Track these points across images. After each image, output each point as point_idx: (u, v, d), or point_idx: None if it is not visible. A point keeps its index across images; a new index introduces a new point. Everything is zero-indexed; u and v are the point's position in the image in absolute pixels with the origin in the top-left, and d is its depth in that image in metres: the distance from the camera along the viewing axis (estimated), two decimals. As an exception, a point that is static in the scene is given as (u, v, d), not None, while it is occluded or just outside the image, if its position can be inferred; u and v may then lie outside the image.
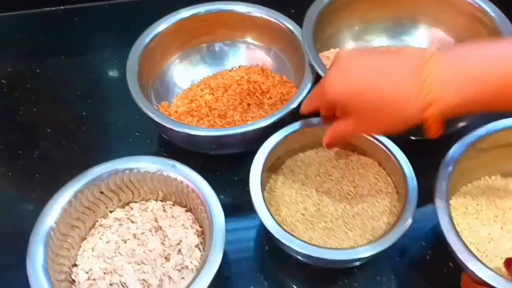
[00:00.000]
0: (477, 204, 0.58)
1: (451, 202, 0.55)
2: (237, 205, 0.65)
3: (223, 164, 0.67)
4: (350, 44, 0.77)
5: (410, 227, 0.50)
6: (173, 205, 0.60)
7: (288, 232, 0.52)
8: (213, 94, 0.71)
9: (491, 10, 0.66)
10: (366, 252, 0.50)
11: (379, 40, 0.77)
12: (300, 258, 0.54)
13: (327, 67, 0.64)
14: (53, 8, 0.88)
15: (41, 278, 0.49)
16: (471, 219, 0.57)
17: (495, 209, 0.57)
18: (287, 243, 0.51)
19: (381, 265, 0.58)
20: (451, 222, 0.49)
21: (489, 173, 0.60)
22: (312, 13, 0.69)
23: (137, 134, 0.71)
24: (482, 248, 0.54)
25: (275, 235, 0.51)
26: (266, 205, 0.54)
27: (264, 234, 0.61)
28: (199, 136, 0.60)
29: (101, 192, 0.58)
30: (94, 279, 0.54)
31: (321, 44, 0.72)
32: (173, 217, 0.59)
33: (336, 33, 0.76)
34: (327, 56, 0.74)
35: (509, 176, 0.60)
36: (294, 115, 0.62)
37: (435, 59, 0.41)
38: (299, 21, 0.69)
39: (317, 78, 0.64)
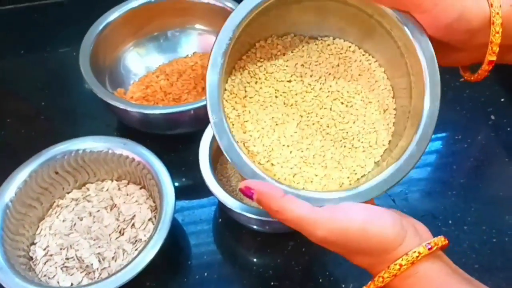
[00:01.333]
0: (256, 82, 0.46)
1: (226, 86, 0.44)
2: (193, 182, 0.68)
3: (179, 144, 0.70)
4: None
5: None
6: (128, 183, 0.63)
7: (238, 200, 0.54)
8: (168, 79, 0.74)
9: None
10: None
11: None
12: (250, 224, 0.57)
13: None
14: (12, 6, 0.90)
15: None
16: (252, 105, 0.45)
17: (274, 82, 0.46)
18: (233, 209, 0.53)
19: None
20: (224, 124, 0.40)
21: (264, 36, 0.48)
22: None
23: (95, 120, 0.74)
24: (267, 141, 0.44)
25: (223, 202, 0.54)
26: (216, 178, 0.56)
27: (217, 207, 0.64)
28: (152, 114, 0.63)
29: (56, 173, 0.60)
30: (50, 255, 0.57)
31: None
32: (127, 194, 0.61)
33: None
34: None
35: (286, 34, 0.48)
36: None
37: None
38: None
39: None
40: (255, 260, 0.60)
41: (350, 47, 0.47)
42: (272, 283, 0.57)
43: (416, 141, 0.39)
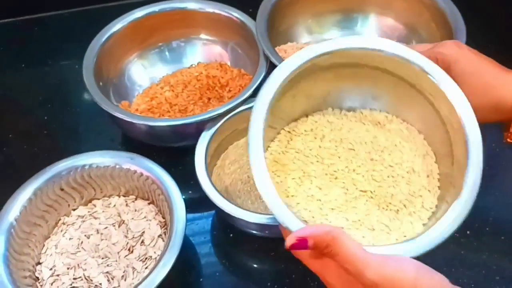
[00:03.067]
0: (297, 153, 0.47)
1: (267, 154, 0.47)
2: (202, 196, 0.65)
3: (187, 157, 0.68)
4: (305, 37, 0.79)
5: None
6: (136, 199, 0.61)
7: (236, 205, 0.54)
8: (173, 91, 0.72)
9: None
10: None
11: (331, 33, 0.79)
12: (249, 229, 0.57)
13: (283, 58, 0.65)
14: (12, 19, 0.88)
15: (1, 270, 0.49)
16: (294, 172, 0.46)
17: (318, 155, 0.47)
18: (232, 214, 0.53)
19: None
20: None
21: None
22: (265, 6, 0.70)
23: (99, 135, 0.72)
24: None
25: (221, 207, 0.54)
26: (211, 181, 0.56)
27: (227, 221, 0.62)
28: (158, 127, 0.61)
29: (62, 189, 0.58)
30: (57, 275, 0.55)
31: (276, 37, 0.73)
32: (135, 210, 0.60)
33: (290, 27, 0.78)
34: (284, 49, 0.75)
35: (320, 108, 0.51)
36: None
37: None
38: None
39: (270, 67, 0.65)
40: (269, 274, 0.58)
41: (387, 117, 0.49)
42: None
43: (460, 204, 0.40)
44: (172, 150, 0.67)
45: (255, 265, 0.59)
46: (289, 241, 0.37)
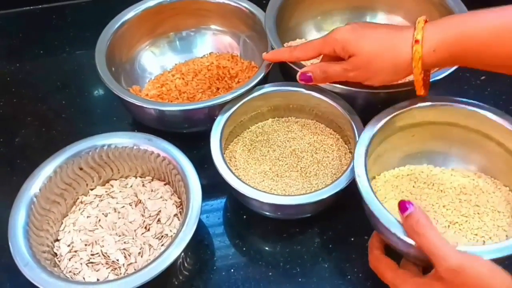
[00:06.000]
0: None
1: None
2: (215, 181, 0.66)
3: (201, 142, 0.69)
4: (313, 34, 0.79)
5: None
6: (152, 180, 0.62)
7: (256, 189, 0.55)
8: (183, 78, 0.74)
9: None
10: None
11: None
12: (262, 211, 0.58)
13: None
14: (31, 7, 0.90)
15: (21, 243, 0.51)
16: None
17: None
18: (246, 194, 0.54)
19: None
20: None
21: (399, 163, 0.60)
22: (274, 2, 0.71)
23: (116, 119, 0.73)
24: None
25: (235, 187, 0.55)
26: (228, 166, 0.57)
27: (240, 204, 0.63)
28: (168, 111, 0.62)
29: (81, 169, 0.59)
30: (75, 251, 0.56)
31: (285, 33, 0.73)
32: (152, 190, 0.61)
33: (299, 24, 0.78)
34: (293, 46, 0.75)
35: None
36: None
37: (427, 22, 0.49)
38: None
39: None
40: (281, 255, 0.59)
41: (476, 173, 0.57)
42: (300, 279, 0.56)
43: None
44: (186, 135, 0.68)
45: (267, 247, 0.60)
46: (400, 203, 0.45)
